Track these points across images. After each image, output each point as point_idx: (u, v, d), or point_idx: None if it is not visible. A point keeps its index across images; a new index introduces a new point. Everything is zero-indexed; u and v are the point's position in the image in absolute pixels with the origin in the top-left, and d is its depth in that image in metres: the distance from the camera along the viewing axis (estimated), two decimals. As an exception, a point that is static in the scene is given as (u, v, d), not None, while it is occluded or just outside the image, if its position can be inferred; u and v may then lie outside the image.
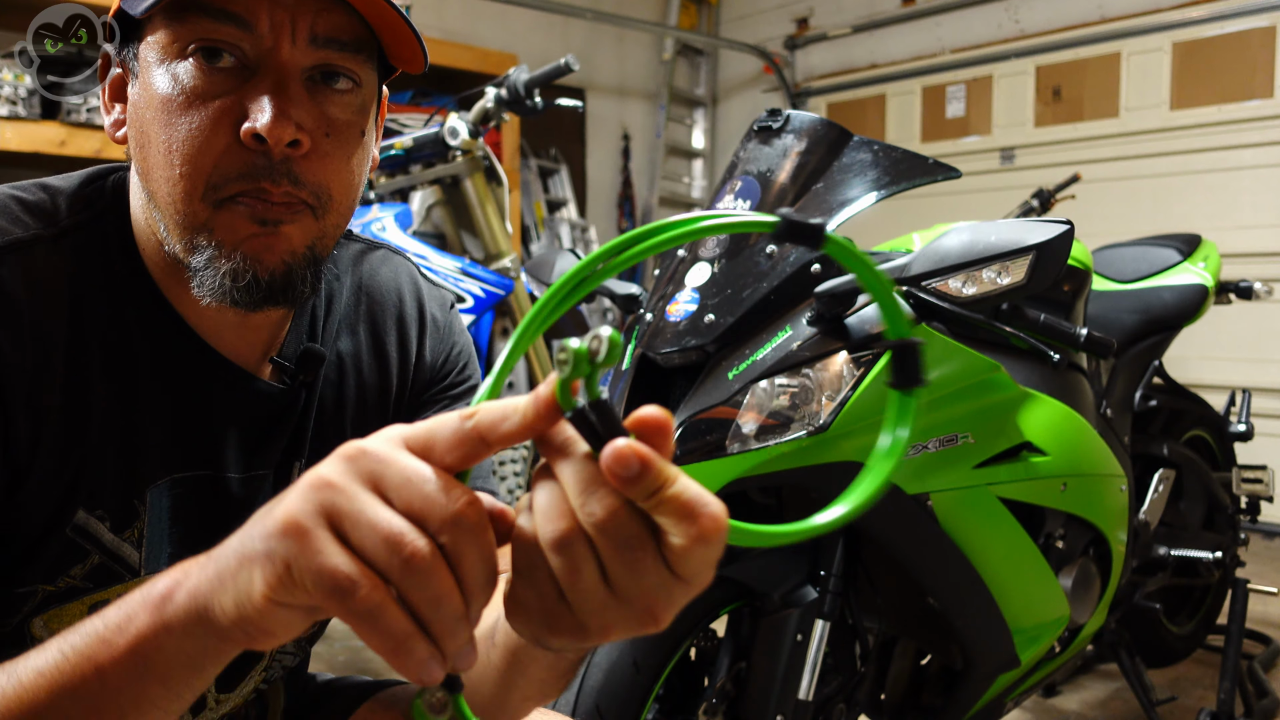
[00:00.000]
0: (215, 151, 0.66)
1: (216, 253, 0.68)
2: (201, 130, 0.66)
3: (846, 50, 5.25)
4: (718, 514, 0.42)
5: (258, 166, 0.67)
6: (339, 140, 0.71)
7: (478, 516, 0.42)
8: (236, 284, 0.68)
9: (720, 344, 1.19)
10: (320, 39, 0.68)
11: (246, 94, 0.67)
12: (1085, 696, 2.30)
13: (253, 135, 0.66)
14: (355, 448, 0.43)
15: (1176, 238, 2.20)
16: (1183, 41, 4.01)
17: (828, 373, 1.15)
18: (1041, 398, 1.41)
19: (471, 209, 2.39)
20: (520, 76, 2.20)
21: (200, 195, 0.67)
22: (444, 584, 0.41)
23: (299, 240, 0.70)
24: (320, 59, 0.69)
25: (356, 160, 0.74)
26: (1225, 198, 3.92)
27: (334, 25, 0.69)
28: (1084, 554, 1.57)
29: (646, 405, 0.43)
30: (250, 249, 0.68)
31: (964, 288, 1.13)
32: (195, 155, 0.66)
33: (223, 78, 0.67)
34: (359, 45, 0.71)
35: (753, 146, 1.31)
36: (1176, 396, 2.12)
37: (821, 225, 0.44)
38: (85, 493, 0.71)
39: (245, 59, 0.67)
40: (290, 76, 0.68)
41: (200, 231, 0.68)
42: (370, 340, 0.88)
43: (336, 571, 0.41)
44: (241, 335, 0.78)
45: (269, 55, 0.67)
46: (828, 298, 1.14)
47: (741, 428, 1.14)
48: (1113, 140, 4.19)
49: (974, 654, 1.34)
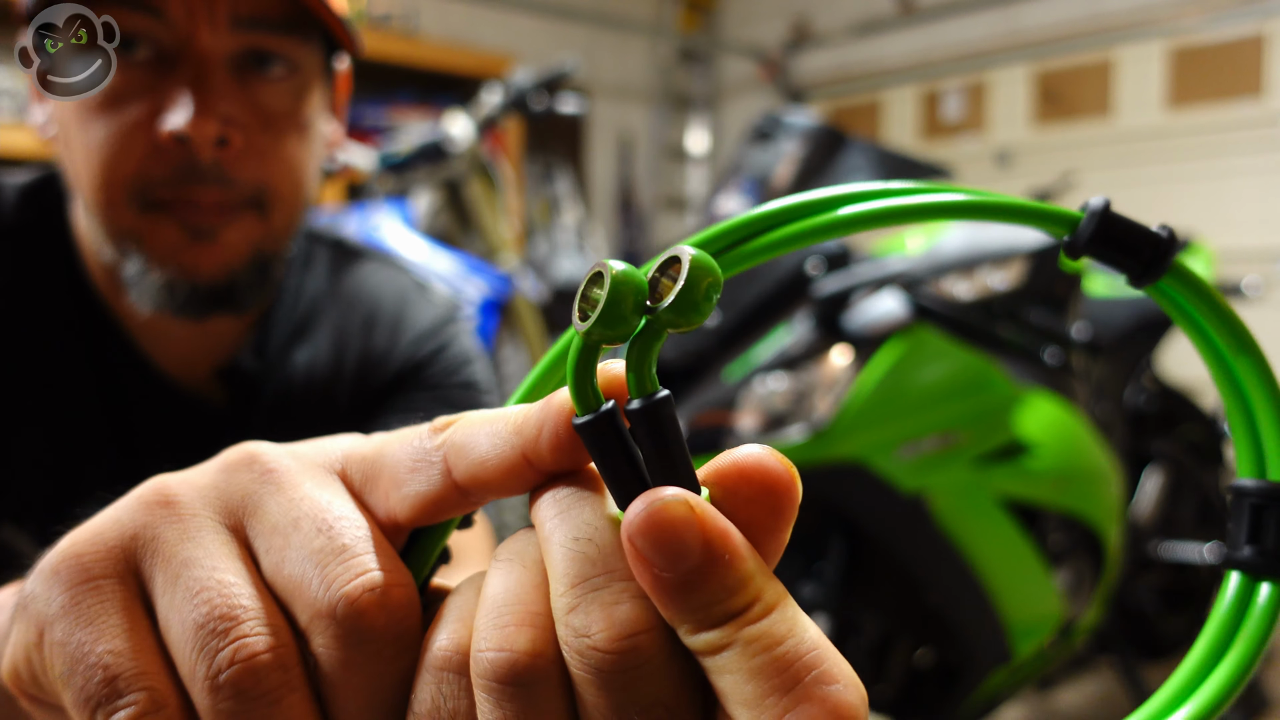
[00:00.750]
0: (136, 156, 0.59)
1: (147, 264, 0.62)
2: (121, 132, 0.59)
3: (844, 53, 5.28)
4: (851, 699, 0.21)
5: (184, 170, 0.60)
6: (276, 131, 0.63)
7: (386, 618, 0.23)
8: (174, 297, 0.62)
9: (719, 344, 1.21)
10: (245, 20, 0.60)
11: (164, 90, 0.59)
12: (1080, 693, 2.32)
13: (173, 136, 0.58)
14: (246, 453, 0.27)
15: (1170, 239, 2.22)
16: (1177, 45, 4.04)
17: (826, 372, 1.17)
18: (1037, 397, 1.43)
19: (473, 210, 2.41)
20: (521, 79, 2.22)
21: (124, 202, 0.60)
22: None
23: (241, 244, 0.63)
24: (246, 43, 0.61)
25: (301, 150, 0.65)
26: (1219, 200, 3.95)
27: (258, 3, 0.60)
28: (1078, 551, 1.59)
29: (752, 445, 0.23)
30: (184, 259, 0.62)
31: (961, 288, 1.15)
32: (115, 160, 0.59)
33: (139, 73, 0.59)
34: (291, 24, 0.62)
35: (752, 149, 1.33)
36: (1169, 396, 2.15)
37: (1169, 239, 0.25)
38: (14, 506, 0.65)
39: (162, 49, 0.59)
40: (212, 66, 0.59)
41: (128, 239, 0.61)
42: (331, 351, 0.78)
43: (99, 662, 0.23)
44: (189, 346, 0.71)
45: (186, 44, 0.59)
46: (826, 298, 1.16)
47: (740, 427, 1.16)
48: (1107, 143, 4.22)
49: (970, 650, 1.36)
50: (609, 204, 5.54)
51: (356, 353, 0.77)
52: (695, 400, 1.19)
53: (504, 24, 4.80)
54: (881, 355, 1.18)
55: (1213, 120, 3.96)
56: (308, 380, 0.76)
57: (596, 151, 5.44)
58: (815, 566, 1.28)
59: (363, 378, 0.77)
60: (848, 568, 1.31)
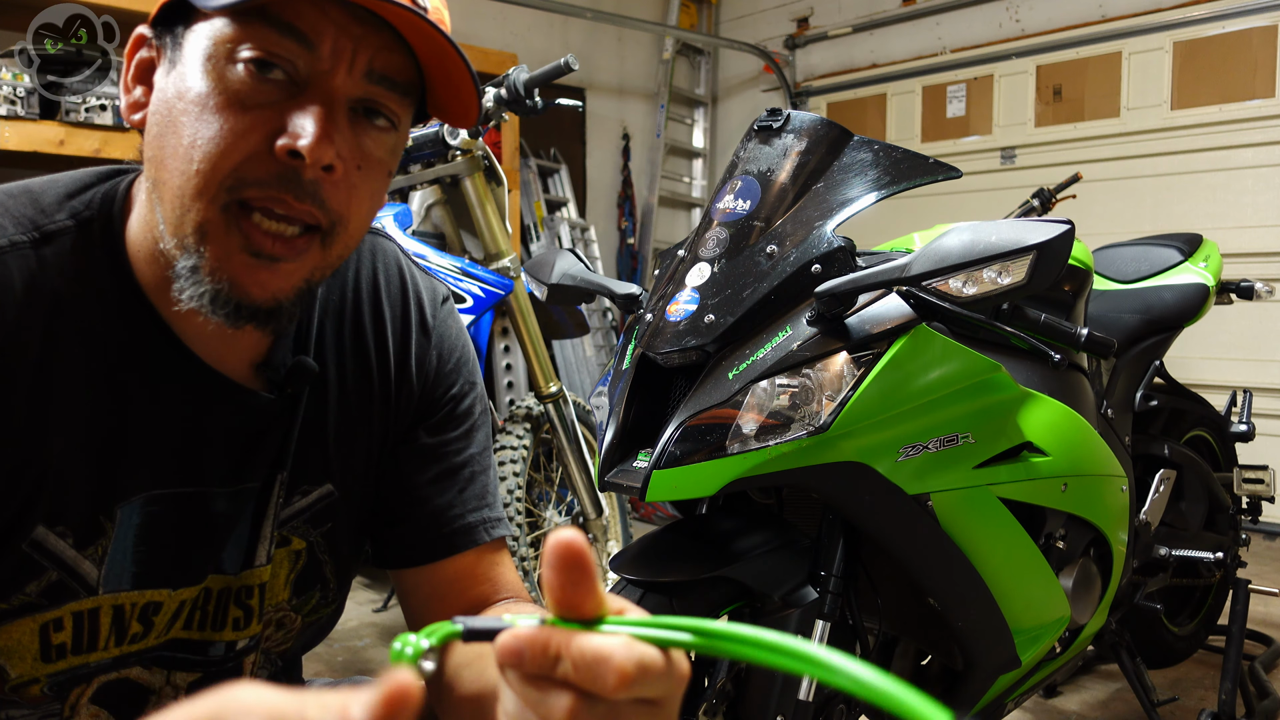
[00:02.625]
0: (240, 155, 0.65)
1: (200, 265, 0.66)
2: (233, 134, 0.65)
3: (847, 50, 5.25)
4: (624, 661, 0.38)
5: (283, 179, 0.65)
6: (368, 175, 0.70)
7: None
8: (216, 304, 0.66)
9: (720, 344, 1.19)
10: (375, 75, 0.68)
11: (289, 109, 0.65)
12: (1086, 697, 2.30)
13: (289, 151, 0.65)
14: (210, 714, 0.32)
15: (1177, 237, 2.20)
16: (1183, 41, 4.01)
17: (828, 373, 1.15)
18: (1042, 398, 1.41)
19: (471, 209, 2.39)
20: (520, 76, 2.20)
21: (211, 195, 0.65)
22: None
23: (296, 275, 0.69)
24: (369, 93, 0.68)
25: (377, 197, 0.73)
26: (1226, 197, 3.92)
27: (391, 65, 0.69)
28: (1085, 554, 1.56)
29: (563, 531, 0.39)
30: (240, 276, 0.66)
31: (964, 288, 1.13)
32: (218, 155, 0.65)
33: (269, 89, 0.65)
34: (408, 89, 0.71)
35: (753, 146, 1.31)
36: (1177, 396, 2.12)
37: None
38: (46, 507, 0.68)
39: (295, 75, 0.66)
40: (338, 103, 0.67)
41: (197, 233, 0.66)
42: (352, 339, 0.85)
43: None
44: (228, 343, 0.75)
45: (322, 78, 0.66)
46: (828, 298, 1.14)
47: (742, 428, 1.14)
48: (1113, 140, 4.19)
49: (975, 654, 1.34)
50: (608, 201, 5.52)
51: (374, 346, 0.85)
52: (696, 400, 1.17)
53: (502, 21, 4.78)
54: (885, 356, 1.16)
55: (1220, 117, 3.93)
56: (338, 370, 0.83)
57: (595, 148, 5.42)
58: (817, 570, 1.26)
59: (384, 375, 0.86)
60: (850, 572, 1.29)
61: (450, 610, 0.86)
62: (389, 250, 0.90)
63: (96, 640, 0.73)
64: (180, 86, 0.67)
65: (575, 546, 0.38)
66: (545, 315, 2.65)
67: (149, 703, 0.78)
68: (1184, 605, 2.37)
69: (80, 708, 0.75)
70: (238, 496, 0.78)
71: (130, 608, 0.74)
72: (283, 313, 0.69)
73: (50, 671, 0.71)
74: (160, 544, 0.74)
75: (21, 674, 0.70)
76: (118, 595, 0.73)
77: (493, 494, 0.91)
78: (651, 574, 1.19)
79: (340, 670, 2.46)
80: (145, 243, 0.72)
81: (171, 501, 0.74)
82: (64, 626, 0.71)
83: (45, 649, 0.70)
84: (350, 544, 0.88)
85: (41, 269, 0.68)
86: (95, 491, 0.70)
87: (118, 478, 0.71)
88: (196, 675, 0.81)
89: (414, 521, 0.87)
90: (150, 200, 0.70)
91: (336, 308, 0.85)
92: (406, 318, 0.89)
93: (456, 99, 0.73)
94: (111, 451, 0.70)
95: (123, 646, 0.75)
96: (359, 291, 0.86)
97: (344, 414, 0.84)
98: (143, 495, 0.72)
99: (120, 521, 0.72)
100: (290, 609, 0.85)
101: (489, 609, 0.87)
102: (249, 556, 0.80)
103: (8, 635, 0.69)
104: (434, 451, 0.88)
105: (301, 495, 0.83)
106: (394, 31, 0.68)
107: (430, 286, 0.92)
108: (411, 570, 0.88)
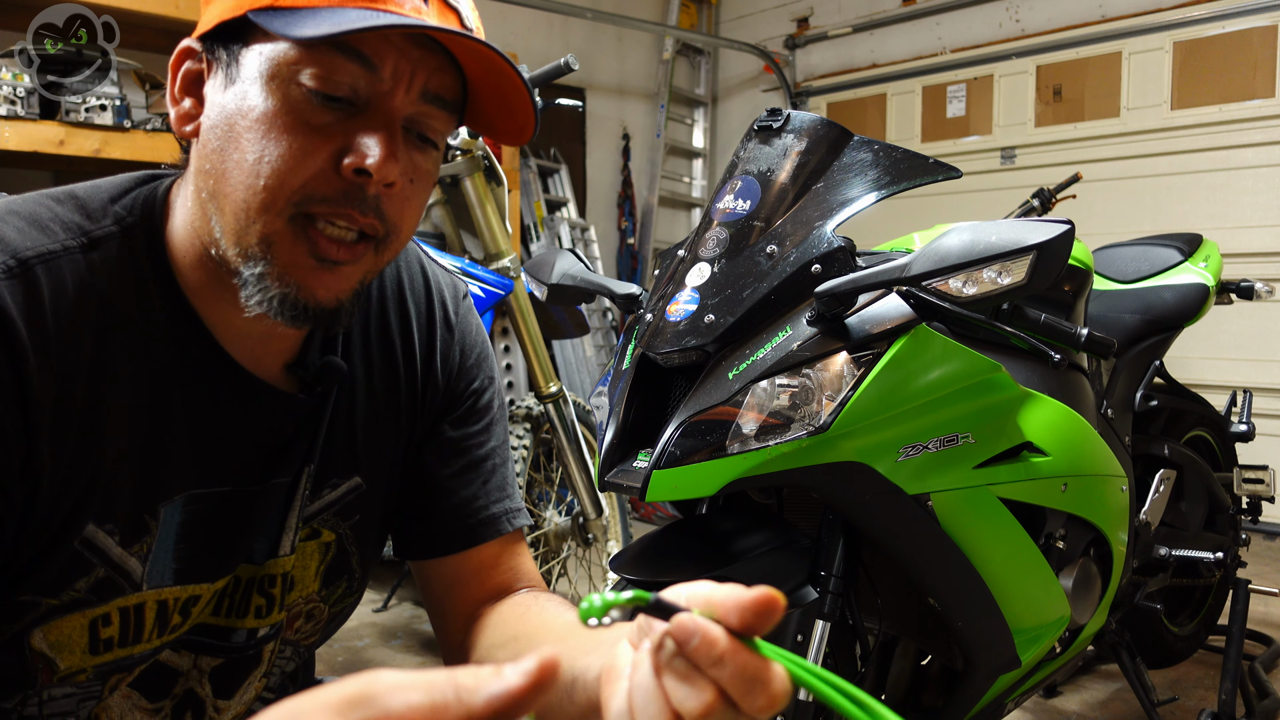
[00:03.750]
0: (308, 173, 0.67)
1: (267, 273, 0.69)
2: (301, 152, 0.67)
3: (847, 50, 5.25)
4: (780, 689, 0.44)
5: (347, 195, 0.68)
6: (418, 188, 0.74)
7: None
8: (284, 308, 0.69)
9: (720, 344, 1.19)
10: (429, 94, 0.71)
11: (353, 129, 0.68)
12: (1086, 697, 2.30)
13: (356, 169, 0.67)
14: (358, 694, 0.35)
15: (1177, 237, 2.20)
16: (1183, 41, 4.01)
17: (828, 373, 1.15)
18: (1042, 398, 1.41)
19: (471, 209, 2.38)
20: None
21: (278, 209, 0.68)
22: None
23: (355, 276, 0.72)
24: (422, 112, 0.72)
25: (423, 207, 0.77)
26: (1226, 197, 3.92)
27: (444, 85, 0.72)
28: (1085, 554, 1.56)
29: (760, 586, 0.44)
30: (307, 280, 0.70)
31: (964, 288, 1.13)
32: (286, 172, 0.67)
33: (334, 109, 0.68)
34: (455, 106, 0.74)
35: (753, 146, 1.31)
36: (1177, 396, 2.12)
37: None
38: (97, 506, 0.70)
39: (356, 96, 0.69)
40: (396, 121, 0.70)
41: (262, 244, 0.68)
42: (379, 336, 0.88)
43: None
44: (265, 346, 0.78)
45: (383, 99, 0.69)
46: (828, 298, 1.14)
47: (742, 428, 1.14)
48: (1113, 140, 4.19)
49: (975, 654, 1.34)
50: (608, 201, 5.52)
51: (399, 340, 0.88)
52: (696, 400, 1.17)
53: (502, 21, 4.78)
54: (885, 356, 1.16)
55: (1220, 117, 3.93)
56: (365, 366, 0.86)
57: (595, 148, 5.42)
58: (817, 570, 1.26)
59: (410, 370, 0.88)
60: (850, 572, 1.29)
61: (471, 599, 0.90)
62: (410, 249, 0.92)
63: (141, 633, 0.75)
64: (242, 104, 0.68)
65: (779, 606, 0.44)
66: (545, 315, 2.65)
67: (176, 683, 0.81)
68: (1184, 605, 2.37)
69: (119, 689, 0.78)
70: (270, 492, 0.80)
71: (173, 602, 0.76)
72: (343, 312, 0.72)
73: (97, 663, 0.74)
74: (199, 541, 0.76)
75: (70, 666, 0.73)
76: (160, 591, 0.75)
77: (512, 485, 0.94)
78: (651, 574, 1.19)
79: (340, 670, 2.46)
80: (191, 248, 0.74)
81: (210, 500, 0.76)
82: (111, 621, 0.73)
83: (94, 643, 0.73)
84: (376, 536, 0.91)
85: (91, 273, 0.70)
86: (140, 491, 0.72)
87: (161, 477, 0.73)
88: (219, 660, 0.83)
89: (439, 513, 0.90)
90: (202, 208, 0.72)
91: (363, 306, 0.87)
92: (431, 315, 0.91)
93: (510, 117, 0.76)
94: (156, 451, 0.73)
95: (164, 637, 0.77)
96: (384, 290, 0.89)
97: (372, 409, 0.87)
98: (184, 494, 0.75)
99: (163, 520, 0.74)
100: (320, 600, 0.88)
101: (510, 597, 0.89)
102: (274, 546, 0.82)
103: (59, 630, 0.71)
104: (457, 445, 0.91)
105: (331, 488, 0.85)
106: (446, 52, 0.71)
107: (451, 283, 0.95)
108: (434, 560, 0.90)
